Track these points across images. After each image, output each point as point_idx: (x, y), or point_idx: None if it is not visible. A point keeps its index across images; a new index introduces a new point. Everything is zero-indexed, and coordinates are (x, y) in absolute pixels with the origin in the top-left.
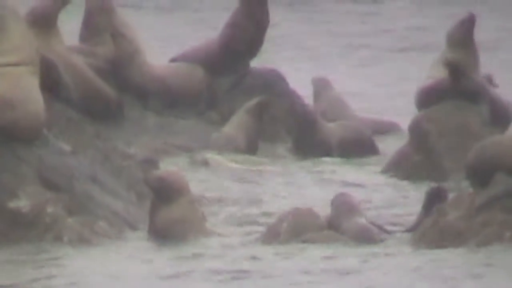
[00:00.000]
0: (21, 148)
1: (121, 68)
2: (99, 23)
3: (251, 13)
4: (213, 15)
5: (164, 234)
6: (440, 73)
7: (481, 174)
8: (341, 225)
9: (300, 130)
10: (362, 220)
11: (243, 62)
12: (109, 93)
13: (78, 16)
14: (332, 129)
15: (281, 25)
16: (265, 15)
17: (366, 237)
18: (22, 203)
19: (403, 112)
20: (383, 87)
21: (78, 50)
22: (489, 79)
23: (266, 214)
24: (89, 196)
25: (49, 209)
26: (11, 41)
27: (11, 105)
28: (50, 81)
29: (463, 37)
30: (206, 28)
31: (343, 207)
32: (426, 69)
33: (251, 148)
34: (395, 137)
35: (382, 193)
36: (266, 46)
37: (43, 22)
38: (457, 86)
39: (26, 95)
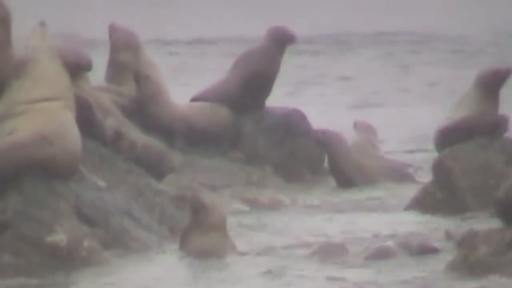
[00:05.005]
0: (58, 184)
1: (145, 109)
2: (124, 62)
3: (272, 52)
4: None
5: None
6: (460, 114)
7: (511, 210)
8: None
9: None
10: None
11: (261, 100)
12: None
13: (105, 56)
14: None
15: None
16: (281, 57)
17: None
18: (59, 237)
19: None
20: None
21: (104, 89)
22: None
23: (295, 246)
24: (124, 230)
25: (86, 243)
26: (45, 75)
27: (49, 141)
28: (84, 119)
29: (492, 87)
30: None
31: None
32: None
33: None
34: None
35: (408, 226)
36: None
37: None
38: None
39: (64, 130)
